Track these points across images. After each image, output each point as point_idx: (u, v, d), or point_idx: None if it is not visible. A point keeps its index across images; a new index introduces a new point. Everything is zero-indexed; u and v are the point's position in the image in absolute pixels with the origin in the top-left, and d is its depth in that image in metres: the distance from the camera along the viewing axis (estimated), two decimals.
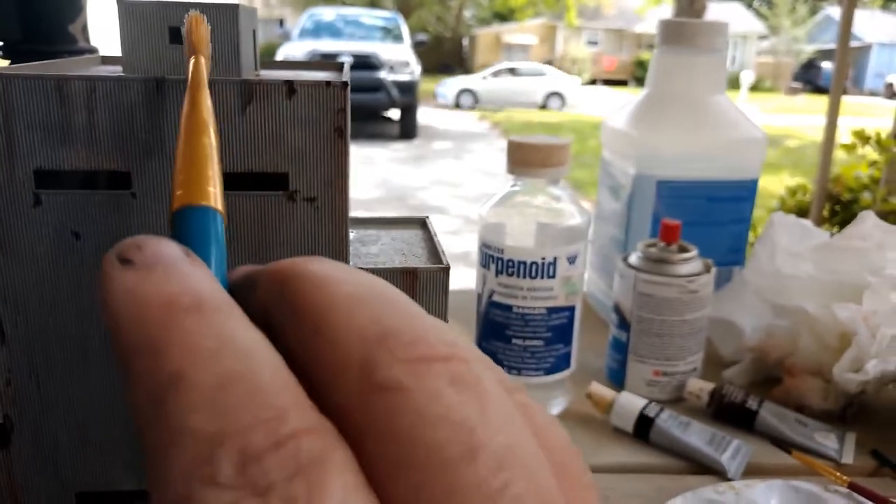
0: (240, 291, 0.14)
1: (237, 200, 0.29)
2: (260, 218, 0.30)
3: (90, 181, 0.29)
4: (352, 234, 0.36)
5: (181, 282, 0.12)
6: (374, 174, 5.08)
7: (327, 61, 0.42)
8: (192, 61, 0.24)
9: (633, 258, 0.54)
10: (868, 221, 0.55)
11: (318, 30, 7.29)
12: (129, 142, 0.28)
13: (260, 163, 0.29)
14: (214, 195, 0.16)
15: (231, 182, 0.29)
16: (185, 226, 0.15)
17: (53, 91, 0.27)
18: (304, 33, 7.17)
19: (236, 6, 0.31)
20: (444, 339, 0.11)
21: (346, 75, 0.32)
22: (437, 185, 4.97)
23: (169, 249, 0.13)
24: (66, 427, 0.31)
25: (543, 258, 0.47)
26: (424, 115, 7.98)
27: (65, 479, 0.31)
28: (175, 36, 0.30)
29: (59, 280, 0.29)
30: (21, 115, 0.27)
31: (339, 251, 0.31)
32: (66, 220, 0.29)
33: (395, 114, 7.09)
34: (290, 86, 0.28)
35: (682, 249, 0.54)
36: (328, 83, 0.28)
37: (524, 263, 0.47)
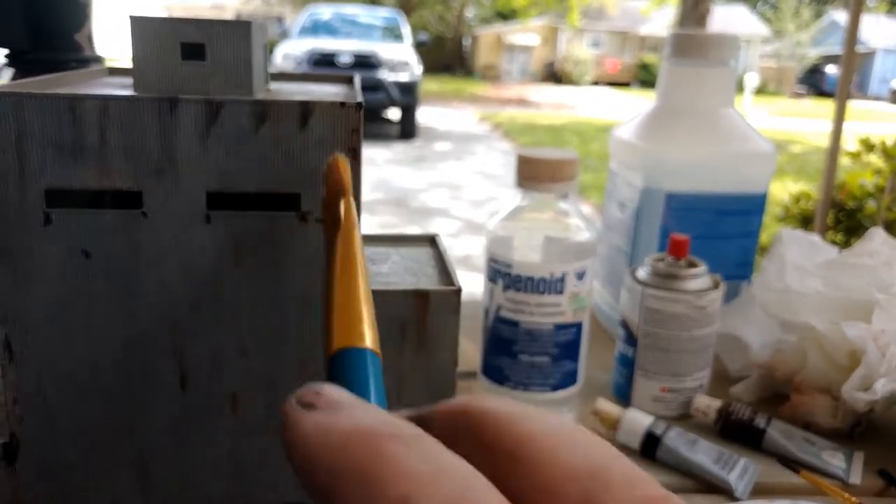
0: None
1: (249, 220, 0.29)
2: (272, 237, 0.29)
3: (101, 200, 0.28)
4: None
5: (374, 415, 0.12)
6: (373, 175, 5.07)
7: (335, 73, 0.42)
8: (342, 204, 0.24)
9: (641, 273, 0.54)
10: (876, 238, 0.55)
11: (318, 28, 7.27)
12: (141, 161, 0.28)
13: (272, 183, 0.29)
14: (370, 337, 0.17)
15: (242, 202, 0.29)
16: (346, 368, 0.16)
17: (66, 110, 0.27)
18: (304, 31, 7.15)
19: (249, 24, 0.31)
20: (652, 480, 0.12)
21: (359, 93, 0.32)
22: (437, 187, 4.97)
23: (345, 394, 0.13)
24: (72, 445, 0.31)
25: (552, 274, 0.47)
26: (424, 114, 7.98)
27: (69, 497, 0.31)
28: (187, 52, 0.30)
29: (67, 299, 0.29)
30: (33, 133, 0.27)
31: None
32: (76, 239, 0.28)
33: (395, 114, 7.09)
34: (304, 107, 0.28)
35: (691, 265, 0.53)
36: (342, 104, 0.28)
37: (532, 279, 0.47)
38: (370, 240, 0.38)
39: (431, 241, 0.38)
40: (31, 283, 0.29)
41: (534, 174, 0.47)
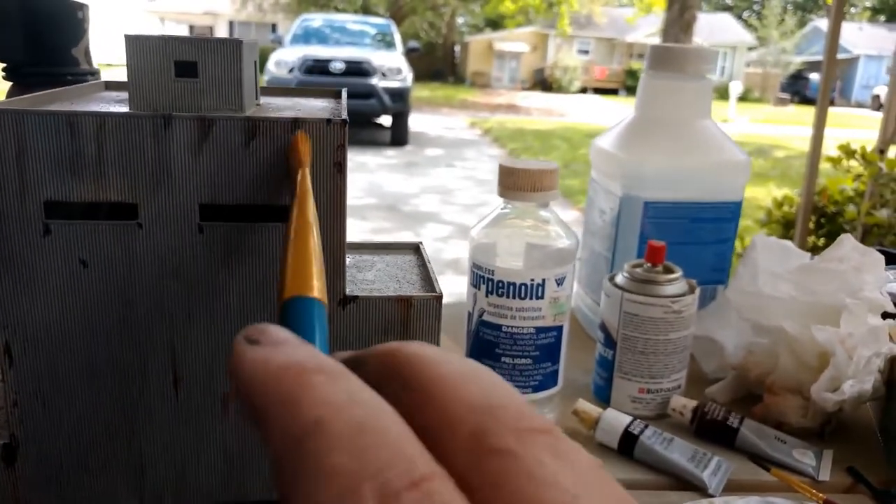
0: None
1: (240, 231, 0.31)
2: (262, 247, 0.31)
3: (98, 212, 0.30)
4: (348, 260, 0.37)
5: (306, 352, 0.14)
6: (366, 181, 5.09)
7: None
8: (299, 173, 0.27)
9: (620, 278, 0.56)
10: (846, 244, 0.57)
11: (311, 36, 7.29)
12: (137, 175, 0.30)
13: (262, 196, 0.30)
14: (319, 288, 0.19)
15: (234, 214, 0.31)
16: (294, 314, 0.18)
17: (65, 126, 0.29)
18: (297, 39, 7.17)
19: (240, 42, 0.33)
20: (542, 417, 0.14)
21: (345, 109, 0.34)
22: (428, 192, 4.99)
23: (287, 333, 0.15)
24: (70, 446, 0.32)
25: (532, 280, 0.48)
26: (415, 121, 8.01)
27: (67, 497, 0.33)
28: (180, 70, 0.32)
29: (66, 306, 0.30)
30: (33, 149, 0.29)
31: (337, 277, 0.32)
32: (74, 249, 0.30)
33: (386, 120, 7.11)
34: (293, 124, 0.30)
35: (668, 270, 0.55)
36: (328, 121, 0.30)
37: (514, 284, 0.49)
38: (356, 248, 0.39)
39: (415, 249, 0.39)
40: (30, 291, 0.30)
41: (516, 184, 0.49)
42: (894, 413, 0.53)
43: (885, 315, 0.53)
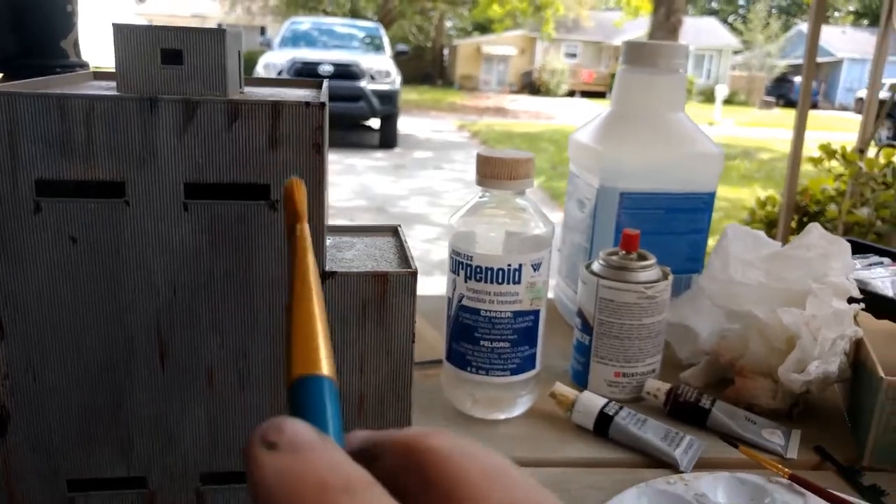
0: (362, 457, 0.16)
1: (224, 209, 0.32)
2: (244, 224, 0.32)
3: (87, 190, 0.31)
4: (329, 241, 0.39)
5: (328, 463, 0.14)
6: (355, 182, 5.10)
7: (308, 78, 0.45)
8: (297, 229, 0.24)
9: (596, 265, 0.58)
10: (814, 232, 0.59)
11: (299, 39, 7.30)
12: (124, 155, 0.31)
13: (244, 175, 0.32)
14: (325, 362, 0.18)
15: (217, 192, 0.32)
16: (305, 396, 0.17)
17: (55, 108, 0.30)
18: (286, 42, 7.18)
19: (224, 31, 0.34)
20: None
21: (325, 95, 0.35)
22: (417, 194, 5.01)
23: (306, 432, 0.15)
24: (60, 418, 0.33)
25: (509, 265, 0.50)
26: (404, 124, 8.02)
27: (57, 466, 0.34)
28: (166, 57, 0.33)
29: (56, 281, 0.32)
30: (24, 129, 0.30)
31: (317, 256, 0.33)
32: (64, 226, 0.31)
33: (375, 123, 7.12)
34: (273, 106, 0.31)
35: (642, 257, 0.57)
36: (307, 104, 0.31)
37: (491, 269, 0.50)
38: (337, 230, 0.41)
39: (394, 231, 0.41)
40: (21, 267, 0.31)
41: (493, 172, 0.51)
42: (860, 394, 0.55)
43: (851, 300, 0.55)
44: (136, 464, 0.34)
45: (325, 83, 0.42)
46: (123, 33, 0.32)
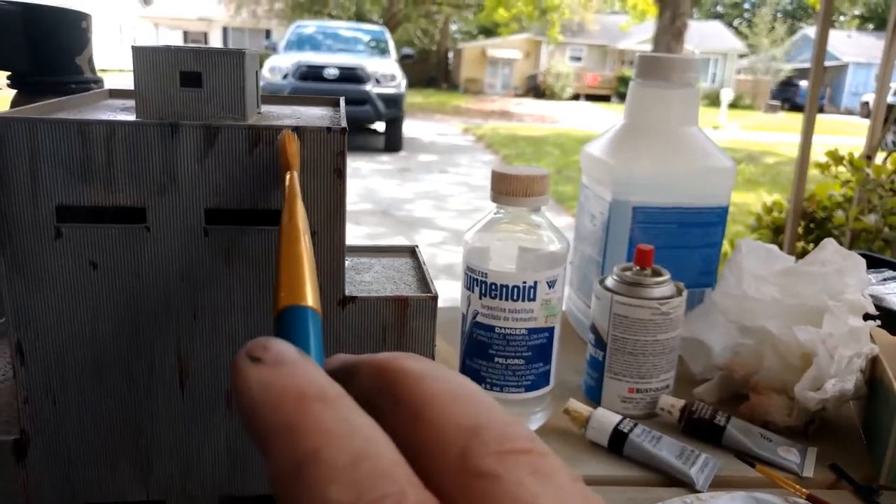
0: (339, 377, 0.16)
1: (244, 234, 0.32)
2: (266, 250, 0.32)
3: (107, 216, 0.31)
4: (347, 262, 0.39)
5: (306, 376, 0.15)
6: (360, 186, 5.11)
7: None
8: (287, 176, 0.27)
9: (609, 281, 0.57)
10: (829, 248, 0.59)
11: (305, 42, 7.32)
12: (145, 180, 0.31)
13: (265, 200, 0.32)
14: (312, 296, 0.19)
15: (237, 217, 0.32)
16: (290, 323, 0.18)
17: (76, 134, 0.30)
18: (291, 45, 7.19)
19: (243, 53, 0.34)
20: (525, 435, 0.15)
21: (344, 118, 0.35)
22: (422, 197, 5.01)
23: (289, 350, 0.16)
24: (79, 441, 0.33)
25: (524, 282, 0.50)
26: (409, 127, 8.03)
27: (75, 490, 0.34)
28: (185, 80, 0.33)
29: (76, 307, 0.32)
30: (45, 155, 0.30)
31: (337, 279, 0.33)
32: (84, 251, 0.31)
33: (380, 126, 7.13)
34: (294, 132, 0.31)
35: (656, 273, 0.57)
36: (328, 129, 0.31)
37: (506, 287, 0.50)
38: (355, 251, 0.41)
39: (412, 252, 0.41)
40: (42, 292, 0.31)
41: (508, 189, 0.51)
42: (877, 412, 0.54)
43: (867, 316, 0.55)
44: (155, 487, 0.34)
45: (342, 102, 0.42)
46: (142, 56, 0.32)
